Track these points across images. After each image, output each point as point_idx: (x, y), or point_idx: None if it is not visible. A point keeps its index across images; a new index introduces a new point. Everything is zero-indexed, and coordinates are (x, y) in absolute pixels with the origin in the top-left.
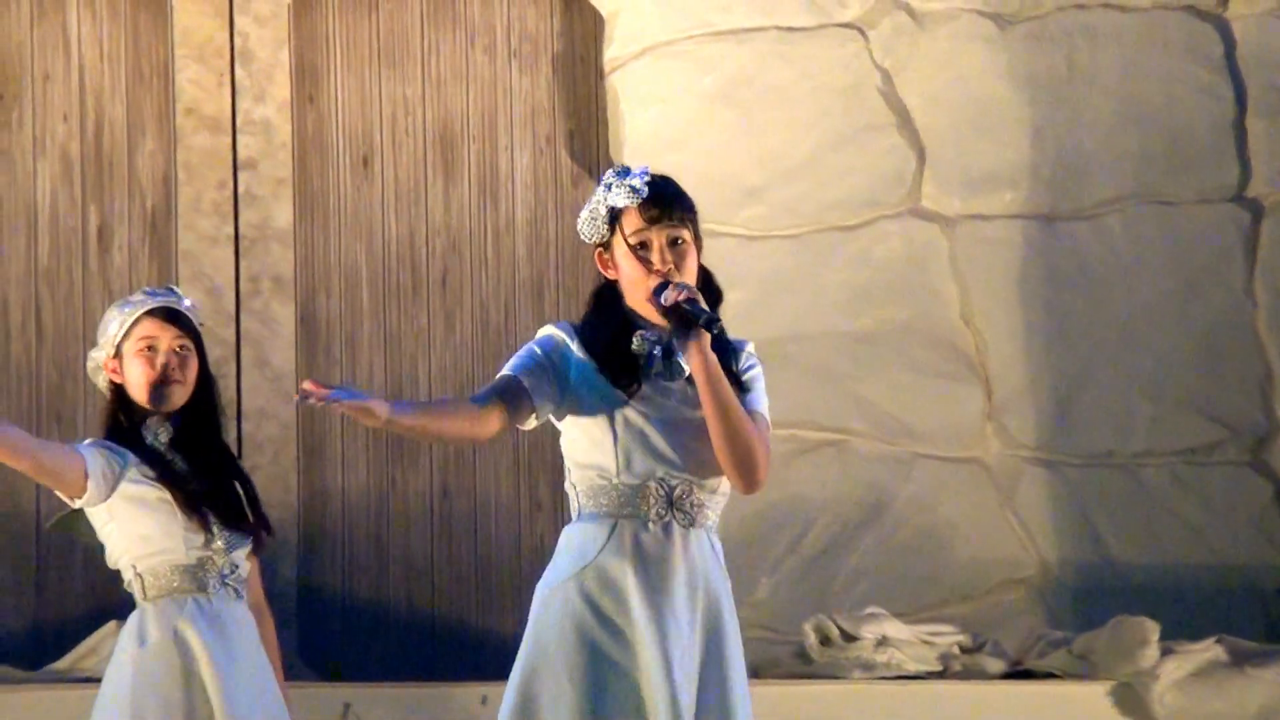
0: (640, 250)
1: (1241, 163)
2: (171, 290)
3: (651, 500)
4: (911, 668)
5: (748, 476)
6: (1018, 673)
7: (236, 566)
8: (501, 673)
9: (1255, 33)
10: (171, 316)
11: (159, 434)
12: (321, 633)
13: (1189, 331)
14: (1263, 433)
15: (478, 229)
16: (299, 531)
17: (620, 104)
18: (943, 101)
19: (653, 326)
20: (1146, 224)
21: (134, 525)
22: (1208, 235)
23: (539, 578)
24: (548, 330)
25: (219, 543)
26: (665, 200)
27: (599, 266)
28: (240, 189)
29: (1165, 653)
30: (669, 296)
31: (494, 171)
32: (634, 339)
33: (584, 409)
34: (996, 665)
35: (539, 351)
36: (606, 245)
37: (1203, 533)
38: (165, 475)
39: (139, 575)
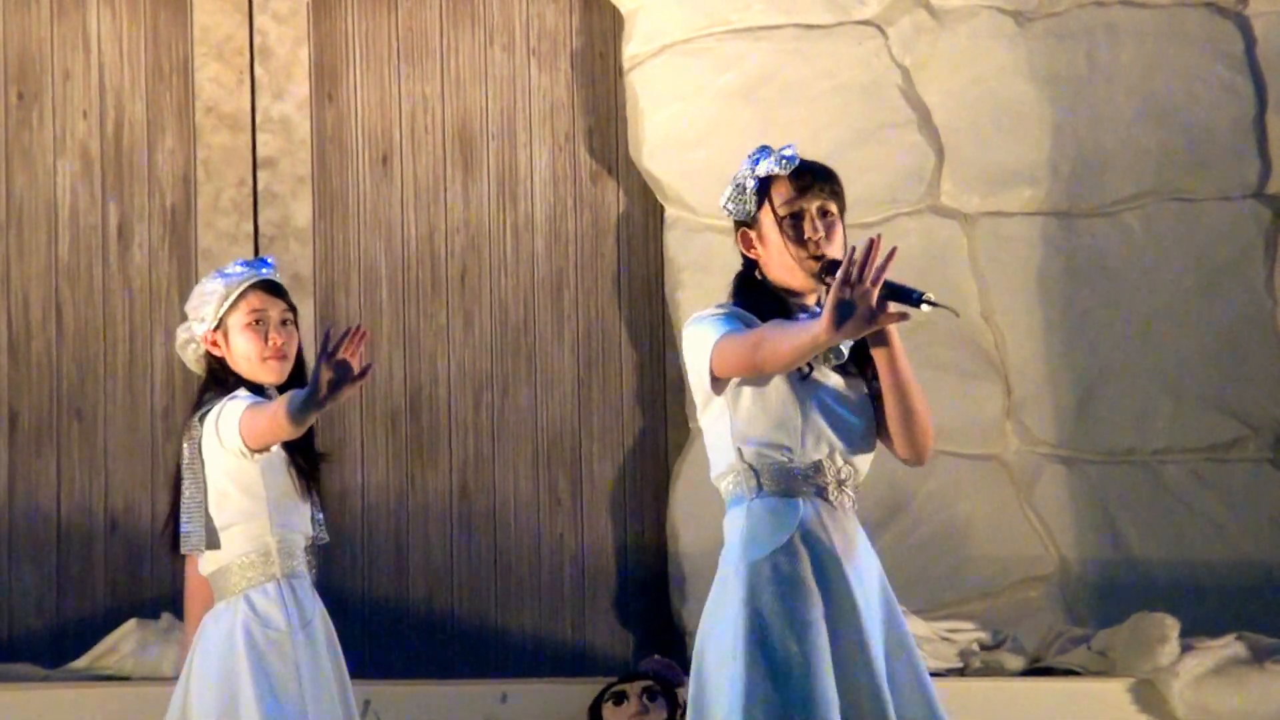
0: (793, 220)
1: (1262, 159)
2: (266, 261)
3: (828, 477)
4: (931, 665)
5: (923, 450)
6: (1037, 670)
7: (315, 551)
8: (521, 670)
9: (1276, 30)
10: (276, 288)
11: None
12: (341, 630)
13: (1209, 328)
14: None
15: (497, 227)
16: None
17: (639, 101)
18: (962, 99)
19: (803, 308)
20: (1166, 221)
21: (278, 490)
22: (1228, 232)
23: (559, 574)
24: (723, 310)
25: (320, 528)
26: (816, 170)
27: (741, 246)
28: (259, 187)
29: (1185, 649)
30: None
31: (513, 169)
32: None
33: (767, 386)
34: (1016, 662)
35: (735, 318)
36: (751, 223)
37: (1223, 529)
38: (294, 447)
39: (281, 549)
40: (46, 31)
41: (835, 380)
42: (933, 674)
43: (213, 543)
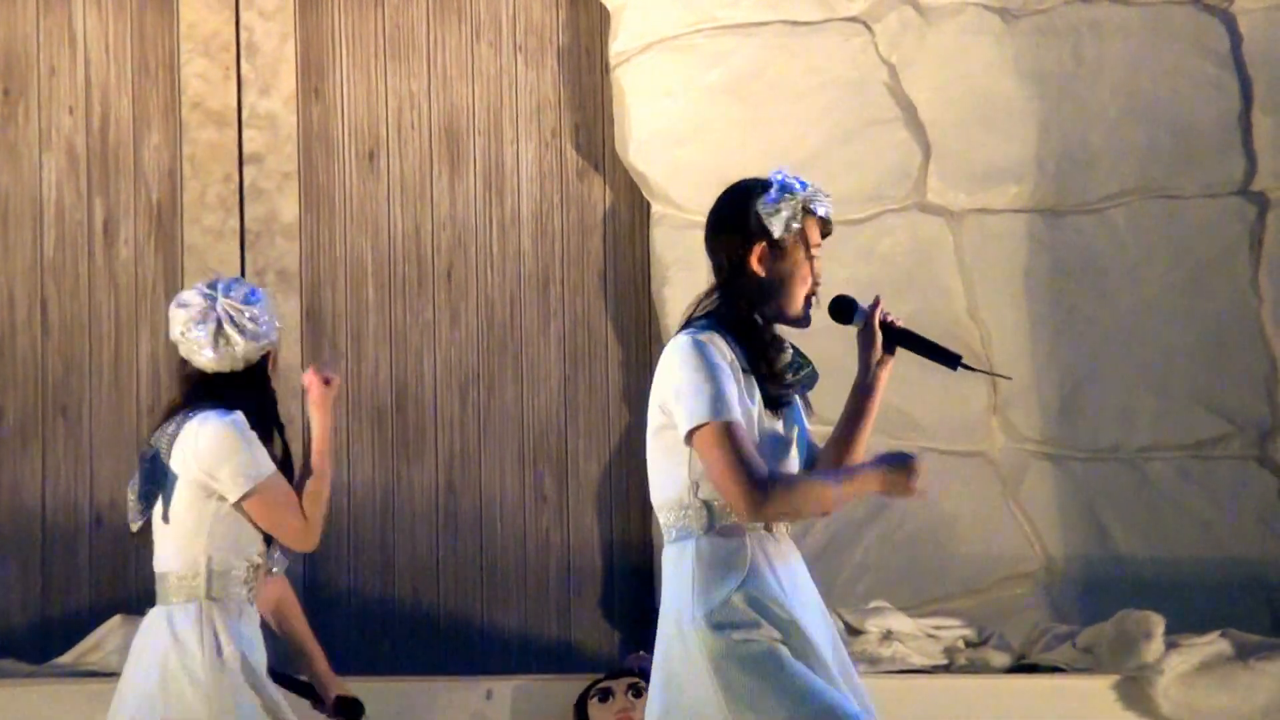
0: (810, 260)
1: (1247, 157)
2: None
3: None
4: (916, 661)
5: None
6: (1023, 666)
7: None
8: (507, 666)
9: (1262, 27)
10: None
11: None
12: (327, 627)
13: (1194, 325)
14: (1268, 427)
15: (483, 223)
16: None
17: (626, 98)
18: (948, 95)
19: (773, 333)
20: (1152, 218)
21: (230, 518)
22: (1213, 229)
23: (544, 571)
24: (709, 337)
25: (277, 555)
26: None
27: (751, 259)
28: (246, 183)
29: (1170, 646)
30: (886, 315)
31: (499, 165)
32: (785, 355)
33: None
34: (1001, 659)
35: (726, 375)
36: (776, 244)
37: (1208, 527)
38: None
39: (211, 571)
40: (32, 27)
41: (787, 417)
42: (918, 671)
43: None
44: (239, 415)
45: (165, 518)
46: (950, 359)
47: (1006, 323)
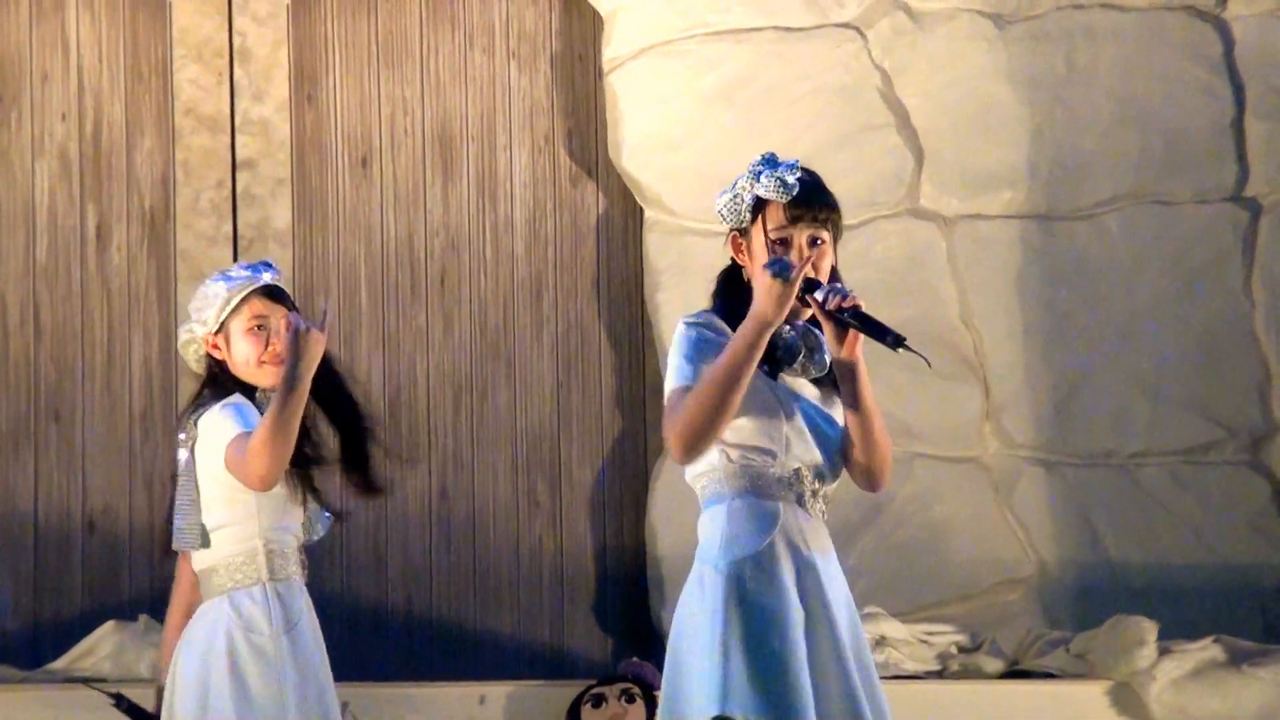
0: (779, 246)
1: (1240, 163)
2: (269, 264)
3: (806, 485)
4: (910, 667)
5: (879, 480)
6: (1016, 672)
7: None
8: (500, 672)
9: (1254, 33)
10: (278, 294)
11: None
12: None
13: (1187, 331)
14: (1261, 432)
15: (476, 229)
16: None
17: (619, 103)
18: (941, 101)
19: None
20: (1145, 224)
21: (271, 495)
22: (1206, 235)
23: (537, 577)
24: (702, 320)
25: (318, 526)
26: (811, 199)
27: (731, 249)
28: (239, 189)
29: (1163, 652)
30: (832, 300)
31: (492, 171)
32: (783, 331)
33: (751, 393)
34: (994, 665)
35: (705, 342)
36: (743, 231)
37: (1201, 532)
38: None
39: (269, 552)
40: (25, 34)
41: (813, 393)
42: (911, 676)
43: (205, 541)
44: (237, 399)
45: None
46: (893, 339)
47: (999, 328)
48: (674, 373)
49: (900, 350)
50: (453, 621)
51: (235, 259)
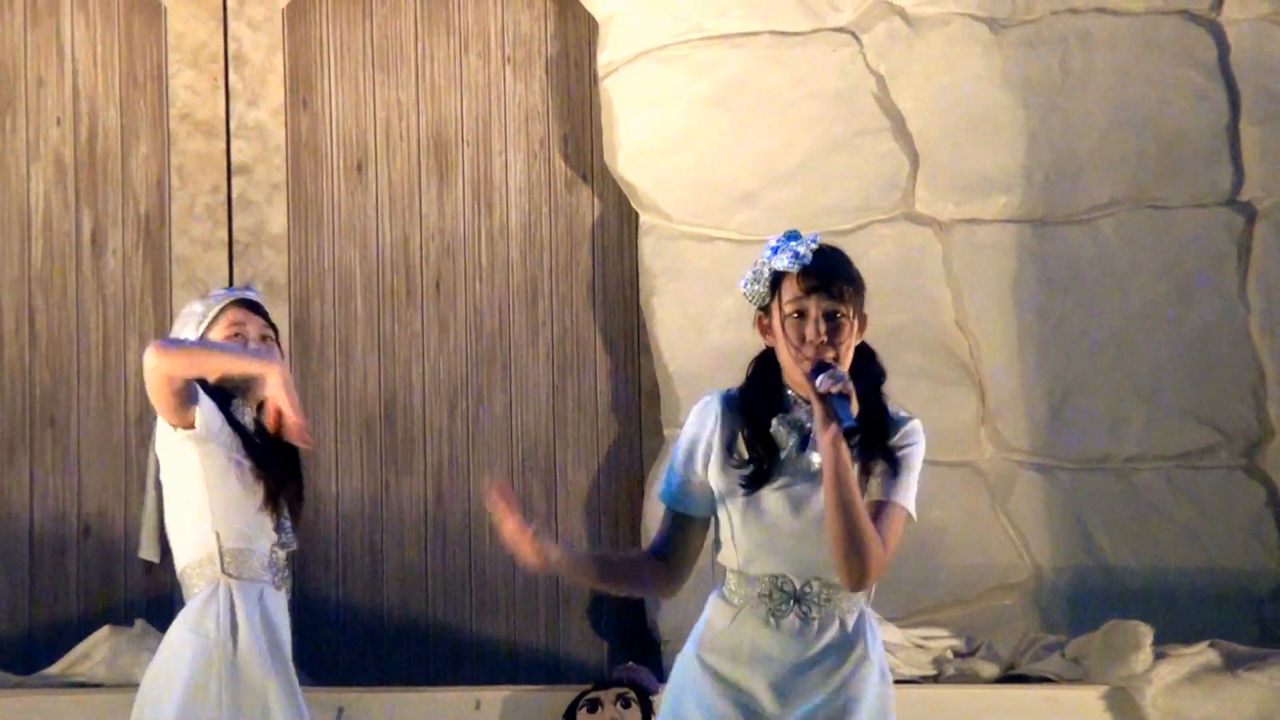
0: (796, 319)
1: (1235, 167)
2: (250, 288)
3: (775, 597)
4: (905, 672)
5: (854, 576)
6: (1011, 677)
7: (288, 561)
8: (495, 677)
9: (1249, 37)
10: (256, 307)
11: (243, 415)
12: (316, 637)
13: (1182, 336)
14: (1256, 437)
15: (471, 234)
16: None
17: (614, 109)
18: (936, 106)
19: (802, 403)
20: (1140, 228)
21: (225, 490)
22: (1201, 240)
23: (533, 581)
24: (703, 406)
25: (286, 535)
26: (826, 270)
27: (758, 331)
28: (234, 194)
29: (1158, 657)
30: (823, 383)
31: (488, 176)
32: (773, 423)
33: (718, 497)
34: (990, 669)
35: (679, 465)
36: (766, 309)
37: (1196, 537)
38: (255, 455)
39: (222, 550)
40: (20, 39)
41: (806, 490)
42: (907, 681)
43: (157, 553)
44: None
45: (170, 519)
46: (845, 425)
47: (995, 333)
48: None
49: (853, 443)
50: (448, 626)
51: (230, 264)
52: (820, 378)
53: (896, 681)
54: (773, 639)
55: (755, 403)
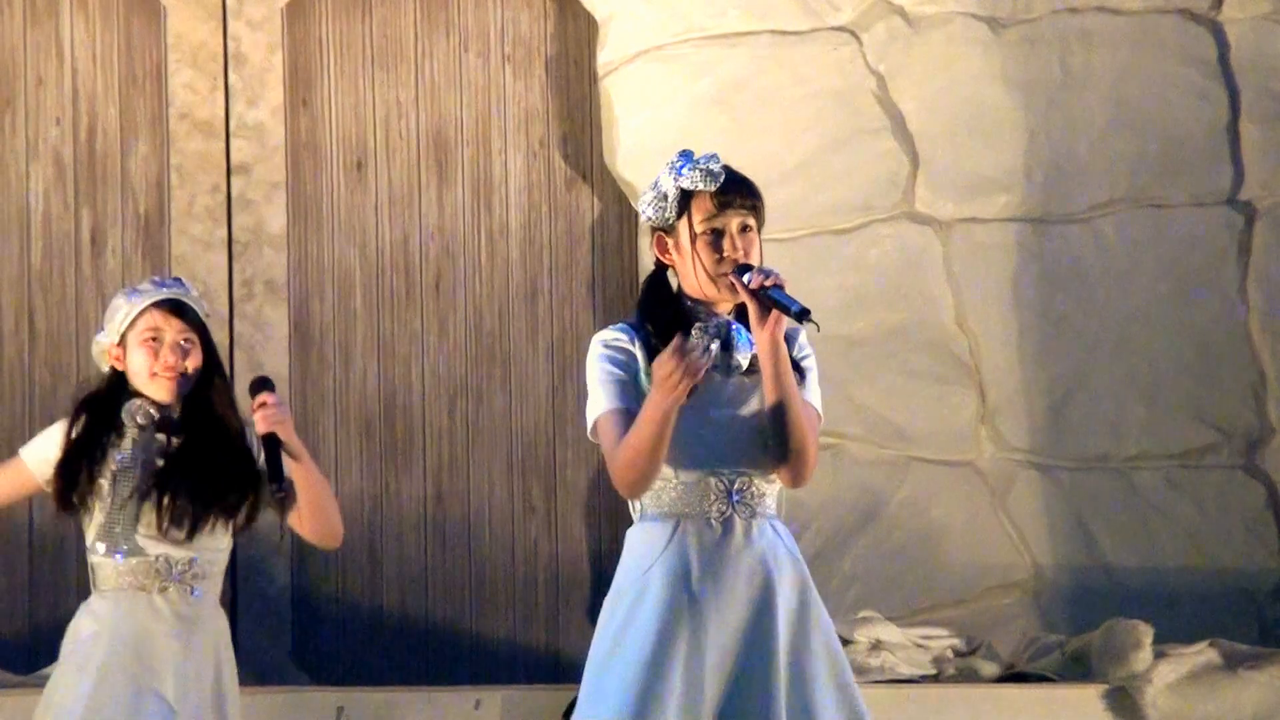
0: (712, 236)
1: (1235, 166)
2: (179, 281)
3: (712, 497)
4: (905, 671)
5: (798, 471)
6: (1011, 676)
7: (193, 563)
8: (495, 676)
9: (1249, 36)
10: (177, 309)
11: (137, 417)
12: (315, 636)
13: (1182, 335)
14: (1256, 436)
15: (471, 233)
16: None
17: (614, 108)
18: (936, 105)
19: (710, 314)
20: (1140, 227)
21: (107, 506)
22: (1201, 239)
23: (532, 581)
24: (610, 337)
25: (179, 536)
26: (739, 186)
27: (656, 251)
28: (233, 193)
29: (1159, 656)
30: (754, 279)
31: (487, 176)
32: (692, 333)
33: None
34: (990, 669)
35: (615, 370)
36: (669, 229)
37: (1196, 536)
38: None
39: (90, 565)
40: (19, 38)
41: (729, 393)
42: (907, 681)
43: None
44: (61, 423)
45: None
46: (799, 310)
47: (995, 332)
48: (591, 402)
49: (804, 323)
50: (448, 625)
51: (230, 263)
52: (748, 276)
53: (897, 681)
54: (714, 538)
55: (667, 320)
